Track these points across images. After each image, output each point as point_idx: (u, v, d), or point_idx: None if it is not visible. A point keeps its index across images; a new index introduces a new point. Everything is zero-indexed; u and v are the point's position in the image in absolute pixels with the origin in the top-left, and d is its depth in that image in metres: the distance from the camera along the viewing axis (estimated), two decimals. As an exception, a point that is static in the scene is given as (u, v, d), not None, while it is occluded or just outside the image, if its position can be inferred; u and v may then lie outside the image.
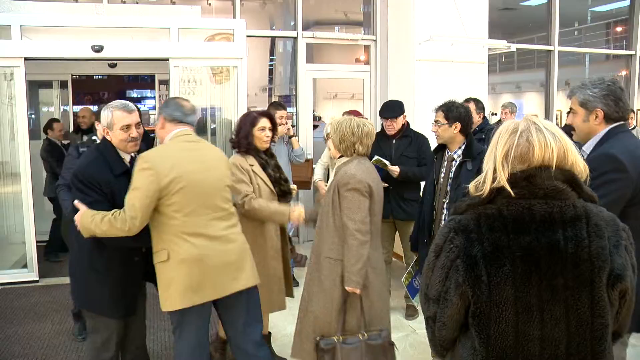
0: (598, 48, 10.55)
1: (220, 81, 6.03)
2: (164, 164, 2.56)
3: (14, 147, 5.52)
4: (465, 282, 1.43)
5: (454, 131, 3.39)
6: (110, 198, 2.69)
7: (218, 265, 2.65)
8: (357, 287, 2.87)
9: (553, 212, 1.43)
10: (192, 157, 2.68)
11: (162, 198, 2.55)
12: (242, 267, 2.76)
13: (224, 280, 2.67)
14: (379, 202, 3.04)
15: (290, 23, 7.54)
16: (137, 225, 2.51)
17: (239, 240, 2.80)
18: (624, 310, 1.50)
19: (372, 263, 2.97)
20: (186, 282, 2.59)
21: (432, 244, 1.54)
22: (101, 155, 2.76)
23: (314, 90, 7.69)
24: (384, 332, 2.93)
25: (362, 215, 2.87)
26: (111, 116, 2.75)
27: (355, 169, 2.93)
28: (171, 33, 5.59)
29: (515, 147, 1.46)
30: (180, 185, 2.56)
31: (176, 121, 2.75)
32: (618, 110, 2.34)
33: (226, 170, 2.89)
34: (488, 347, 1.43)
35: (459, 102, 3.47)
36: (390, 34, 7.09)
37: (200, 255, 2.60)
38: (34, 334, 4.22)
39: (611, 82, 2.37)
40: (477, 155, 3.33)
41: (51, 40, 5.55)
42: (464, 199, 1.54)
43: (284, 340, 3.99)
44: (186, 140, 2.73)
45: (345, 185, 2.89)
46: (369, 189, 2.91)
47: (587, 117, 2.39)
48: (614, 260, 1.42)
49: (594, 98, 2.35)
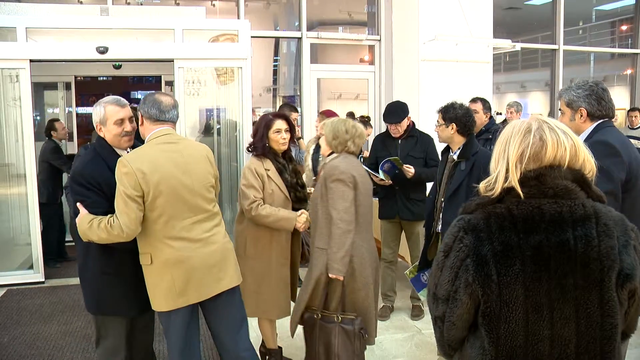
0: (603, 47, 10.51)
1: (224, 82, 6.04)
2: (143, 168, 2.51)
3: (19, 149, 5.54)
4: (475, 282, 1.42)
5: (451, 132, 3.43)
6: (110, 198, 2.65)
7: (201, 268, 2.63)
8: (339, 274, 3.01)
9: (563, 211, 1.42)
10: (172, 160, 2.62)
11: (145, 203, 2.53)
12: (224, 267, 2.74)
13: (207, 282, 2.66)
14: (366, 194, 3.17)
15: (295, 23, 7.55)
16: (132, 229, 2.50)
17: (222, 241, 2.77)
18: (632, 309, 1.49)
19: (359, 252, 3.07)
20: (169, 286, 2.58)
21: (442, 244, 1.53)
22: (97, 154, 2.73)
23: (318, 91, 7.69)
24: (358, 320, 3.04)
25: (345, 205, 3.01)
26: (104, 111, 2.70)
27: (340, 161, 3.10)
28: (176, 34, 5.60)
29: (530, 146, 1.45)
30: (161, 189, 2.53)
31: (153, 119, 2.68)
32: (600, 109, 2.58)
33: (209, 168, 2.81)
34: (498, 347, 1.43)
35: (459, 104, 3.49)
36: (395, 34, 7.09)
37: (182, 258, 2.58)
38: (40, 334, 4.23)
39: (594, 84, 2.62)
40: (471, 156, 3.36)
41: (56, 42, 5.58)
42: (473, 199, 1.53)
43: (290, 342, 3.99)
44: (165, 141, 2.66)
45: (330, 176, 3.05)
46: (352, 179, 3.04)
47: (573, 116, 2.63)
48: (623, 259, 1.41)
49: (577, 98, 2.60)
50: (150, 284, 2.64)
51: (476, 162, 3.32)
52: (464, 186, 3.31)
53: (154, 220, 2.56)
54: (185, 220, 2.61)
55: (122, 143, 2.75)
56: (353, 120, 3.28)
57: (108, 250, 2.71)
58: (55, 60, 5.83)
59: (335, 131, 3.17)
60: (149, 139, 2.69)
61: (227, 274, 2.76)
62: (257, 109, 9.07)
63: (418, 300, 4.50)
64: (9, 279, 5.43)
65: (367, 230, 3.20)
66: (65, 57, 5.59)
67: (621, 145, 2.49)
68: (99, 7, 5.82)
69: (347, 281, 3.07)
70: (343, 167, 3.06)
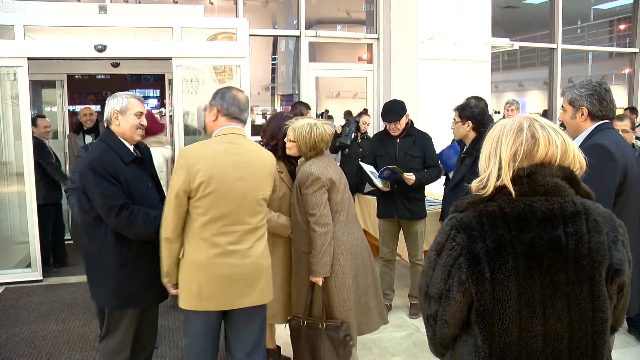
0: (601, 46, 10.53)
1: (223, 80, 6.04)
2: (199, 164, 2.50)
3: (17, 147, 5.53)
4: (469, 280, 1.43)
5: (467, 129, 3.67)
6: (126, 189, 2.69)
7: (227, 278, 2.55)
8: (319, 277, 3.06)
9: (554, 208, 1.43)
10: (231, 163, 2.56)
11: (191, 198, 2.51)
12: (253, 284, 2.64)
13: (230, 294, 2.59)
14: (344, 189, 3.23)
15: (293, 22, 7.55)
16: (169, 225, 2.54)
17: (258, 256, 2.65)
18: (620, 304, 1.51)
19: (345, 249, 3.13)
20: (191, 286, 2.57)
21: (434, 242, 1.53)
22: (108, 145, 2.76)
23: (317, 89, 7.70)
24: (343, 327, 3.05)
25: (320, 210, 3.06)
26: (126, 102, 2.81)
27: (312, 165, 3.10)
28: (174, 32, 5.60)
29: (523, 144, 1.46)
30: (210, 189, 2.49)
31: (230, 117, 2.67)
32: (602, 109, 2.60)
33: (267, 179, 2.72)
34: (492, 344, 1.43)
35: (474, 102, 3.70)
36: (393, 32, 7.09)
37: (209, 263, 2.54)
38: (38, 333, 4.23)
39: (597, 84, 2.63)
40: (474, 152, 3.47)
41: (54, 40, 5.56)
42: (465, 197, 1.54)
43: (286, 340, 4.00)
44: (230, 141, 2.62)
45: (304, 184, 3.08)
46: (327, 182, 3.08)
47: (575, 114, 2.65)
48: (612, 255, 1.43)
49: (580, 97, 2.62)
50: (179, 277, 2.63)
51: (478, 158, 3.36)
52: (465, 180, 3.36)
53: (195, 217, 2.54)
54: (225, 227, 2.55)
55: (135, 136, 2.83)
56: (319, 121, 3.22)
57: (126, 243, 2.73)
58: (53, 58, 5.82)
59: (306, 139, 3.11)
60: (217, 134, 2.68)
61: (255, 290, 2.65)
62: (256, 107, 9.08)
63: (416, 298, 4.51)
64: (6, 277, 5.43)
65: (352, 222, 3.24)
66: (63, 55, 5.57)
67: (617, 148, 2.51)
68: (97, 5, 5.80)
69: (330, 278, 3.09)
70: (316, 171, 3.07)
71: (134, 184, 2.75)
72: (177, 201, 2.50)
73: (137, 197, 2.75)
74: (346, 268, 3.12)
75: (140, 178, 2.83)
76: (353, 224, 3.26)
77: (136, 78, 10.82)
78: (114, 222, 2.67)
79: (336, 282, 3.10)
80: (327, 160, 3.20)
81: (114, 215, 2.65)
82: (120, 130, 2.80)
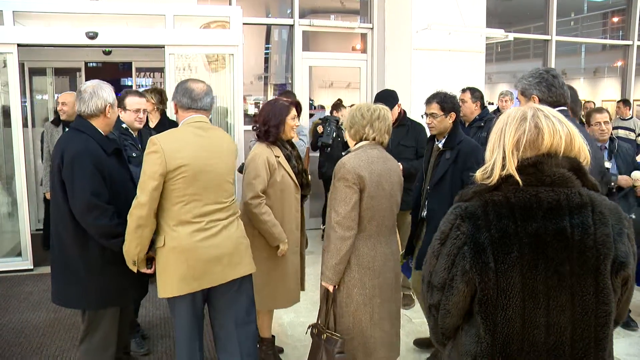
0: (595, 38, 10.54)
1: (215, 69, 5.99)
2: (173, 146, 2.54)
3: (8, 135, 5.47)
4: (473, 269, 1.42)
5: (449, 121, 3.42)
6: (109, 183, 2.67)
7: (210, 256, 2.61)
8: (330, 282, 2.73)
9: (560, 199, 1.42)
10: (202, 145, 2.62)
11: (167, 182, 2.53)
12: (236, 258, 2.71)
13: (215, 270, 2.63)
14: (383, 196, 2.76)
15: (287, 11, 7.49)
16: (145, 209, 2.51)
17: (235, 232, 2.74)
18: (624, 297, 1.51)
19: (363, 261, 2.74)
20: (178, 270, 2.57)
21: (438, 231, 1.52)
22: (88, 136, 2.72)
23: (310, 79, 7.66)
24: (339, 342, 2.69)
25: (346, 209, 2.66)
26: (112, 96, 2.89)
27: (350, 157, 2.74)
28: (167, 20, 5.54)
29: (526, 133, 1.45)
30: (187, 169, 2.53)
31: (185, 108, 2.71)
32: (551, 95, 2.66)
33: (233, 164, 2.81)
34: (494, 334, 1.43)
35: (448, 92, 3.48)
36: (387, 22, 7.05)
37: (193, 244, 2.57)
38: (29, 322, 4.20)
39: (544, 71, 2.71)
40: (456, 145, 3.36)
41: (44, 27, 5.49)
42: (470, 186, 1.53)
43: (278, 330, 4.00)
44: (195, 127, 2.68)
45: (336, 174, 2.74)
46: (358, 180, 2.66)
47: (527, 103, 2.66)
48: (617, 247, 1.42)
49: (529, 86, 2.70)
50: (160, 266, 2.64)
51: (461, 151, 3.33)
52: (448, 174, 3.33)
53: (173, 201, 2.55)
54: (202, 208, 2.60)
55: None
56: (374, 104, 2.92)
57: None
58: (44, 45, 5.74)
59: (352, 118, 2.85)
60: (183, 124, 2.72)
61: (238, 264, 2.72)
62: (248, 96, 9.03)
63: (408, 289, 4.52)
64: (-3, 266, 5.38)
65: (381, 235, 2.81)
66: (54, 42, 5.50)
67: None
68: (89, -8, 5.73)
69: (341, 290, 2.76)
70: (350, 165, 2.68)
71: (116, 177, 2.73)
72: (153, 184, 2.49)
73: (119, 190, 2.74)
74: (358, 281, 2.75)
75: (119, 171, 2.82)
76: (384, 237, 2.83)
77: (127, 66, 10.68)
78: (91, 221, 2.62)
79: (344, 294, 2.76)
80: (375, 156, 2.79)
81: (93, 216, 2.61)
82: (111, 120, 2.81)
